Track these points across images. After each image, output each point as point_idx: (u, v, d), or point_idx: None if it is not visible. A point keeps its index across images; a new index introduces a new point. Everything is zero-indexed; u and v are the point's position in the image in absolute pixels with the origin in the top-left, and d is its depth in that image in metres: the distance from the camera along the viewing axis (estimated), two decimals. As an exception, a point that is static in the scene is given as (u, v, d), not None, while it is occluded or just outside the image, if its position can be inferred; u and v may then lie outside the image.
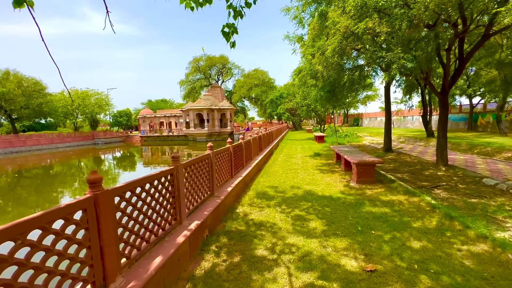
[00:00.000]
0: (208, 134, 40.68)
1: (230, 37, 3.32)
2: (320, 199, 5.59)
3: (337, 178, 7.59)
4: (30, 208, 9.91)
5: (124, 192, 2.29)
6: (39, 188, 13.72)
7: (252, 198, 5.78)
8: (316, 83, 7.71)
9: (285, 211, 4.90)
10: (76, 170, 20.36)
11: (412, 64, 4.85)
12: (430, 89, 8.02)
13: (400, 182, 6.62)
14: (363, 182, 6.76)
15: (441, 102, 7.77)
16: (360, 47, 5.45)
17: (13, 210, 9.85)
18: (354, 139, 20.54)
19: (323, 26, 6.57)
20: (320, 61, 6.24)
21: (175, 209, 3.24)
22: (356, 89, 13.30)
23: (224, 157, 5.50)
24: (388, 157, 11.00)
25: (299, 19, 10.07)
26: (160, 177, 2.92)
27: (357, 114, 54.65)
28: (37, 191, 12.78)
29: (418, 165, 9.05)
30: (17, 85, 38.80)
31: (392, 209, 4.86)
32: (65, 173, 19.22)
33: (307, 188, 6.58)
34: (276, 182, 7.30)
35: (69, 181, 15.91)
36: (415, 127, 32.88)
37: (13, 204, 10.59)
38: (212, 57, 55.13)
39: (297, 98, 27.26)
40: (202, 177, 4.27)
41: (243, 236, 3.86)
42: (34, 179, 16.83)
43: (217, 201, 4.37)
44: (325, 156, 12.11)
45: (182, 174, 3.38)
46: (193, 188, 3.86)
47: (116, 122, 61.26)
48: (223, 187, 5.29)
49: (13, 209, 9.91)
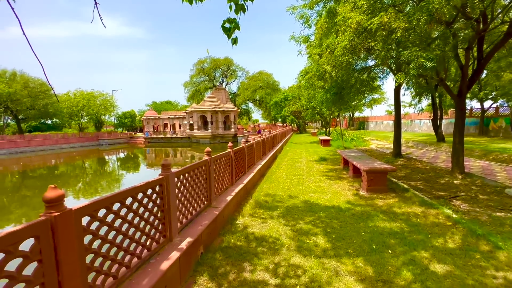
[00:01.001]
0: (212, 136, 40.40)
1: (231, 33, 2.89)
2: (327, 210, 5.14)
3: (345, 185, 7.12)
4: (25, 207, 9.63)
5: (96, 210, 1.89)
6: (32, 189, 13.50)
7: (254, 208, 5.35)
8: (324, 84, 7.28)
9: (289, 224, 4.46)
10: (79, 171, 20.18)
11: (431, 64, 4.40)
12: (446, 92, 7.52)
13: (415, 192, 6.13)
14: (374, 190, 6.28)
15: (457, 106, 7.26)
16: (373, 44, 5.02)
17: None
18: (361, 143, 19.99)
19: (332, 23, 6.16)
20: (328, 60, 5.80)
21: (164, 224, 2.84)
22: (364, 92, 12.86)
23: (224, 163, 5.09)
24: (398, 163, 10.47)
25: (305, 18, 9.68)
26: (146, 189, 2.52)
27: (363, 118, 53.85)
28: (29, 193, 12.54)
29: (431, 172, 8.52)
30: (23, 86, 39.14)
31: (409, 223, 4.38)
32: (68, 174, 19.04)
33: (313, 196, 6.12)
34: (280, 189, 6.86)
35: (69, 182, 15.67)
36: (423, 131, 32.11)
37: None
38: (216, 59, 55.06)
39: (302, 100, 26.81)
40: (198, 186, 3.86)
41: (242, 254, 3.43)
42: (33, 179, 16.66)
43: (214, 213, 3.95)
44: (332, 161, 11.63)
45: (173, 184, 2.97)
46: (187, 199, 3.46)
47: (120, 124, 61.49)
48: (223, 196, 4.87)
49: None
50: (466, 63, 6.55)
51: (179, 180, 3.23)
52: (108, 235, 2.02)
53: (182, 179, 3.32)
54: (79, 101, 47.78)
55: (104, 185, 14.72)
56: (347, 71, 6.39)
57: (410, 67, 4.57)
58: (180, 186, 3.26)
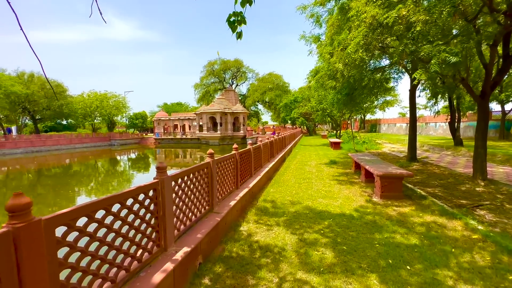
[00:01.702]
0: (221, 138, 40.41)
1: (236, 27, 2.79)
2: (338, 217, 4.79)
3: (357, 191, 6.74)
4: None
5: (73, 219, 1.67)
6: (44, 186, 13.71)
7: (259, 213, 5.07)
8: (335, 84, 6.94)
9: (296, 232, 4.16)
10: (90, 171, 20.48)
11: (456, 59, 4.00)
12: (468, 92, 7.02)
13: (433, 199, 5.69)
14: (388, 197, 5.88)
15: (480, 107, 6.75)
16: (389, 40, 4.66)
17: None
18: (373, 146, 19.35)
19: (344, 20, 5.83)
20: (340, 58, 5.47)
21: (158, 233, 2.60)
22: (377, 93, 12.38)
23: (228, 166, 4.84)
24: (413, 168, 9.94)
25: (316, 17, 9.38)
26: (137, 194, 2.30)
27: (375, 120, 52.70)
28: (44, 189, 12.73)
29: (450, 178, 7.99)
30: (40, 87, 40.43)
31: (429, 235, 3.99)
32: (81, 172, 19.34)
33: (323, 202, 5.78)
34: (287, 193, 6.55)
35: (81, 180, 15.87)
36: (439, 134, 30.97)
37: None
38: (226, 61, 55.25)
39: (312, 102, 26.38)
40: (199, 190, 3.62)
41: (244, 265, 3.16)
42: (46, 177, 16.99)
43: (216, 219, 3.70)
44: (342, 165, 11.20)
45: (169, 188, 2.74)
46: (185, 204, 3.22)
47: (132, 124, 62.59)
48: (226, 200, 4.62)
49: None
50: (491, 61, 6.05)
51: (176, 184, 3.00)
52: (89, 247, 1.80)
53: (180, 183, 3.09)
54: (93, 102, 48.95)
55: (115, 184, 14.80)
56: (359, 70, 6.02)
57: (431, 63, 4.18)
58: (178, 190, 3.03)
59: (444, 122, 30.18)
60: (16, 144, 32.99)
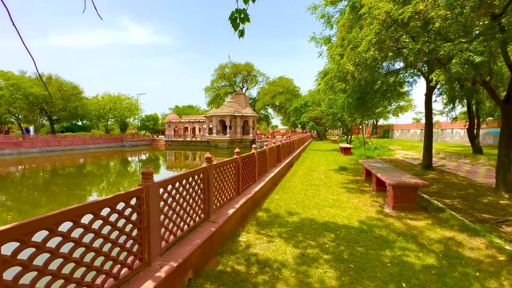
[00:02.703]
0: (230, 141, 40.34)
1: (238, 24, 2.67)
2: (346, 230, 4.42)
3: (367, 200, 6.31)
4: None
5: (28, 233, 1.44)
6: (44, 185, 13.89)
7: (261, 222, 4.76)
8: (345, 86, 6.58)
9: (299, 245, 3.82)
10: (102, 170, 20.76)
11: (481, 58, 3.59)
12: (491, 97, 6.49)
13: (452, 212, 5.21)
14: (401, 208, 5.44)
15: (504, 113, 6.21)
16: (405, 38, 4.29)
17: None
18: (385, 152, 18.64)
19: (356, 19, 5.50)
20: (350, 58, 5.12)
21: (141, 245, 2.35)
22: (390, 97, 11.87)
23: (228, 171, 4.57)
24: (429, 176, 9.36)
25: (327, 18, 9.07)
26: (115, 203, 2.06)
27: (387, 125, 51.31)
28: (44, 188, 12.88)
29: (469, 188, 7.41)
30: (57, 89, 41.79)
31: (448, 254, 3.56)
32: (93, 172, 19.62)
33: (330, 212, 5.41)
34: (293, 201, 6.21)
35: (90, 179, 16.03)
36: (455, 141, 29.67)
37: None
38: (237, 64, 55.46)
39: (323, 106, 25.88)
40: (193, 197, 3.37)
41: (238, 283, 2.86)
42: (61, 176, 17.29)
43: (211, 229, 3.42)
44: (352, 171, 10.72)
45: (156, 196, 2.50)
46: (176, 213, 2.97)
47: (143, 126, 63.69)
48: (225, 208, 4.34)
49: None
50: (518, 62, 5.54)
51: (166, 191, 2.75)
52: (48, 265, 1.56)
53: (170, 190, 2.84)
54: (106, 103, 50.14)
55: (125, 184, 14.85)
56: (371, 71, 5.64)
57: (452, 63, 3.77)
58: (167, 198, 2.78)
59: (462, 128, 28.88)
60: (33, 144, 34.07)
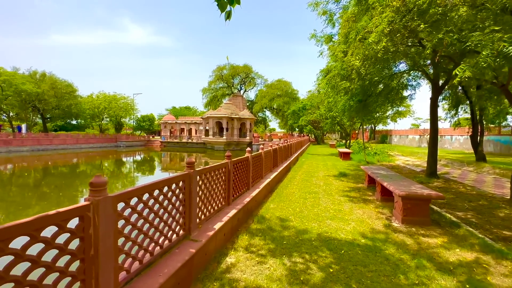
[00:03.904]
0: (226, 143, 39.68)
1: (226, 5, 2.36)
2: (351, 248, 3.82)
3: (371, 211, 5.73)
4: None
5: None
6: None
7: (253, 237, 4.14)
8: (349, 85, 6.01)
9: (296, 268, 3.21)
10: (89, 169, 19.96)
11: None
12: (509, 102, 5.97)
13: (469, 228, 4.64)
14: (411, 222, 4.85)
15: (522, 118, 5.70)
16: (423, 27, 3.74)
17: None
18: (385, 158, 18.13)
19: (363, 11, 4.97)
20: (358, 51, 4.55)
21: (84, 283, 1.72)
22: (393, 101, 11.40)
23: (216, 178, 3.96)
24: (435, 185, 8.82)
25: (329, 14, 8.58)
26: (39, 229, 1.44)
27: (385, 131, 51.05)
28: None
29: (481, 199, 6.87)
30: (50, 87, 40.85)
31: (473, 282, 2.98)
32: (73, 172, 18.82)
33: (332, 225, 4.81)
34: (290, 211, 5.60)
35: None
36: (454, 148, 29.32)
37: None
38: (236, 66, 54.96)
39: (321, 109, 25.42)
40: (170, 211, 2.75)
41: (220, 324, 2.24)
42: (51, 176, 16.49)
43: (190, 251, 2.79)
44: (353, 178, 10.15)
45: (111, 214, 1.88)
46: (144, 233, 2.35)
47: (139, 126, 62.78)
48: (211, 222, 3.72)
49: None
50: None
51: (128, 206, 2.13)
52: None
53: (135, 204, 2.22)
54: (101, 103, 49.25)
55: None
56: (379, 68, 5.09)
57: (482, 55, 3.23)
58: (130, 214, 2.16)
59: (461, 135, 28.63)
60: (23, 142, 33.09)
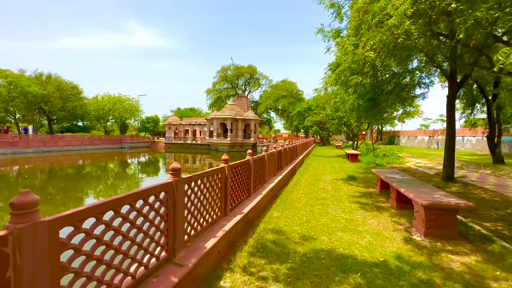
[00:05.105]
0: (231, 145, 39.21)
1: None
2: (369, 270, 3.22)
3: (387, 221, 5.10)
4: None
5: None
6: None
7: (253, 254, 3.58)
8: (361, 80, 5.41)
9: (305, 298, 2.64)
10: (95, 171, 19.69)
11: None
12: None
13: (504, 243, 3.99)
14: (436, 236, 4.22)
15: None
16: (454, 5, 3.16)
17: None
18: (395, 160, 17.37)
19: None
20: (372, 40, 3.95)
21: None
22: (405, 99, 10.74)
23: (210, 186, 3.41)
24: (452, 190, 8.12)
25: (336, 7, 7.99)
26: None
27: (393, 132, 49.96)
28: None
29: (508, 207, 6.17)
30: (56, 88, 41.13)
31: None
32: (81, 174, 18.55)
33: (344, 238, 4.21)
34: (296, 221, 5.02)
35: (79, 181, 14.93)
36: (466, 149, 28.25)
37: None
38: (240, 67, 54.59)
39: (328, 110, 24.73)
40: (145, 230, 2.21)
41: None
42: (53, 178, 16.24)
43: (172, 280, 2.24)
44: (363, 181, 9.50)
45: (41, 247, 1.34)
46: (105, 263, 1.81)
47: (143, 128, 62.88)
48: (202, 239, 3.16)
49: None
50: None
51: (78, 230, 1.59)
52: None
53: (91, 228, 1.68)
54: (106, 104, 49.42)
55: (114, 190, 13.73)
56: (400, 56, 4.45)
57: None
58: (82, 242, 1.63)
59: (473, 136, 27.59)
60: (28, 144, 33.19)
